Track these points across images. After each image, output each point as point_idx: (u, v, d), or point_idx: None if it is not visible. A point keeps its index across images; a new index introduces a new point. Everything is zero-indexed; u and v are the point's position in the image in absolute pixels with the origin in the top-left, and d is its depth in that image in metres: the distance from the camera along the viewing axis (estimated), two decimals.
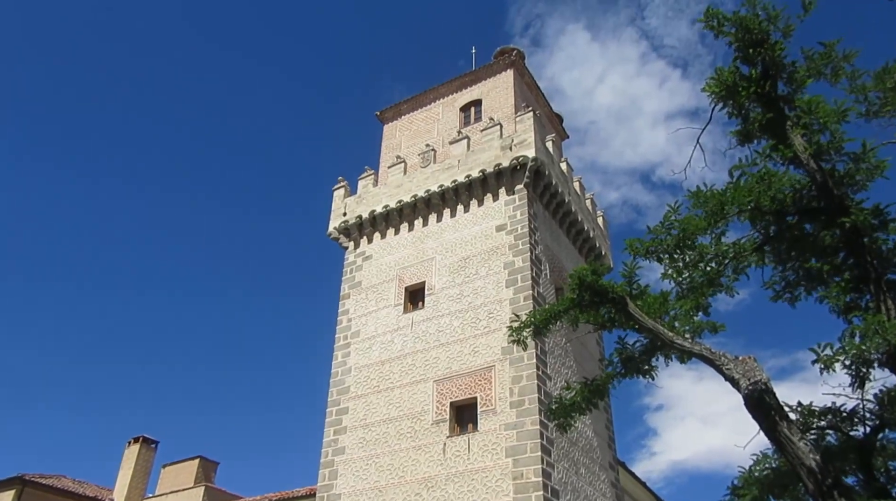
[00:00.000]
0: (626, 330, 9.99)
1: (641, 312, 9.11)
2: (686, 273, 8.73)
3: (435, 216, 24.96)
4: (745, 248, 8.34)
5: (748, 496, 8.40)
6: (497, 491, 18.28)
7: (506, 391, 19.74)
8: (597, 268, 9.61)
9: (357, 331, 24.05)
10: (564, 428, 10.26)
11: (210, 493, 32.49)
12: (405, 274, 24.27)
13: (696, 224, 8.44)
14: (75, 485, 35.47)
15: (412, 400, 21.23)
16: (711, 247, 8.64)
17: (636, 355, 9.76)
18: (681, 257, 8.85)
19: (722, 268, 8.47)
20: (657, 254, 9.02)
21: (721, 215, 8.21)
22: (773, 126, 8.06)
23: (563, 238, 25.87)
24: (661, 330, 8.71)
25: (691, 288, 8.69)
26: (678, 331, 8.85)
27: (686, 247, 8.77)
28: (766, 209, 7.70)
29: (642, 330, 9.21)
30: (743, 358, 7.76)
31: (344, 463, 21.37)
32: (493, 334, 21.00)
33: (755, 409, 7.27)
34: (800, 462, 6.75)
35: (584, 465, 21.17)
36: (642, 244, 9.18)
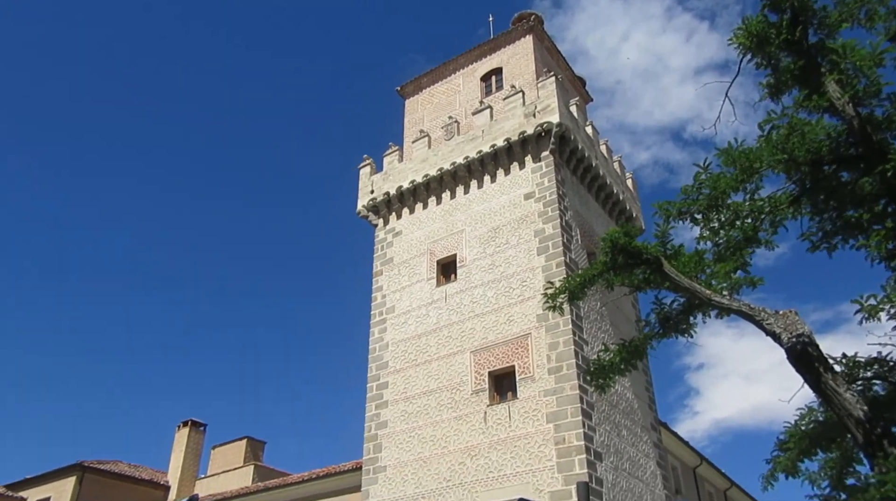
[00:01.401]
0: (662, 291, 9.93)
1: (677, 272, 9.04)
2: (722, 232, 8.62)
3: (462, 188, 24.93)
4: (780, 202, 8.19)
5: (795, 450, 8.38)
6: (540, 457, 18.47)
7: (543, 358, 19.83)
8: (629, 230, 9.54)
9: (392, 307, 24.29)
10: (603, 390, 10.30)
11: (259, 471, 33.38)
12: (436, 248, 24.36)
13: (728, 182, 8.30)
14: (131, 469, 36.75)
15: (450, 371, 21.45)
16: (746, 203, 8.49)
17: (674, 314, 9.71)
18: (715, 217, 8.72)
19: (759, 224, 8.33)
20: (690, 215, 8.91)
21: (753, 171, 8.06)
22: (805, 75, 7.85)
23: (592, 202, 25.66)
24: (698, 288, 8.63)
25: (729, 248, 8.58)
26: (715, 289, 8.77)
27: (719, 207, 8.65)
28: (800, 160, 7.54)
29: (678, 289, 9.14)
30: (784, 312, 7.68)
31: (387, 437, 21.75)
32: (527, 302, 21.05)
33: (798, 362, 7.21)
34: (847, 414, 6.70)
35: (626, 427, 21.24)
36: (673, 206, 9.06)
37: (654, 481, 21.75)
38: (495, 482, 18.87)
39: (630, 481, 20.06)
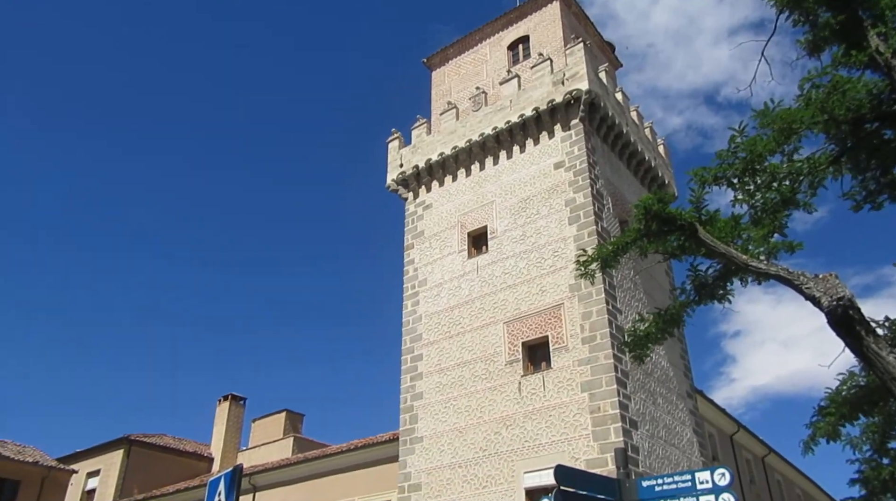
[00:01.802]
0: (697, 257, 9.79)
1: (712, 237, 8.89)
2: (758, 195, 8.43)
3: (491, 159, 24.77)
4: (820, 162, 7.98)
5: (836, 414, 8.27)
6: (575, 425, 18.54)
7: (576, 327, 19.79)
8: (662, 197, 9.39)
9: (424, 280, 24.40)
10: (641, 360, 10.24)
11: (299, 443, 34.13)
12: (466, 220, 24.33)
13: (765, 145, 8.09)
14: (176, 442, 37.92)
15: (484, 342, 21.55)
16: (783, 165, 8.29)
17: (709, 281, 9.59)
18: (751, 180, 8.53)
19: (797, 186, 8.14)
20: (726, 180, 8.73)
21: (791, 132, 7.84)
22: (846, 30, 7.58)
23: (623, 170, 25.31)
24: (735, 253, 8.49)
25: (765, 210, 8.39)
26: (752, 254, 8.61)
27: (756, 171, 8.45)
28: (841, 119, 7.31)
29: (714, 255, 9.00)
30: (824, 276, 7.51)
31: (423, 408, 22.02)
32: (559, 272, 20.96)
33: (839, 326, 7.07)
34: (890, 377, 6.58)
35: (662, 395, 21.17)
36: (709, 172, 8.88)
37: (690, 448, 21.71)
38: (531, 451, 19.02)
39: (666, 448, 20.05)
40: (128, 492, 33.63)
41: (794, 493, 35.91)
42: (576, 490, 5.49)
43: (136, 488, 33.72)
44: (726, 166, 8.29)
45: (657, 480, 5.54)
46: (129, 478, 34.04)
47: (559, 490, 5.48)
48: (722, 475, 5.23)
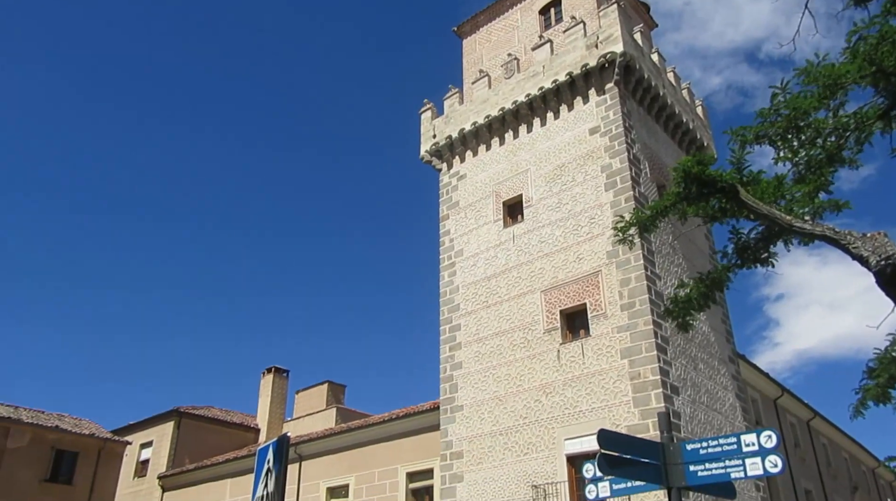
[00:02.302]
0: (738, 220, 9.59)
1: (755, 199, 8.68)
2: (802, 152, 8.17)
3: (525, 127, 24.50)
4: (867, 117, 7.68)
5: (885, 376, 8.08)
6: (615, 392, 18.52)
7: (615, 294, 19.65)
8: (702, 158, 9.17)
9: (460, 250, 24.43)
10: (685, 328, 10.06)
11: (342, 413, 34.81)
12: (501, 189, 24.20)
13: (809, 101, 7.80)
14: (223, 414, 39.03)
15: (521, 311, 21.56)
16: (829, 121, 8.01)
17: (752, 244, 9.39)
18: (795, 138, 8.27)
19: (843, 142, 7.86)
20: (768, 139, 8.47)
21: (837, 87, 7.54)
22: None
23: (660, 133, 24.81)
24: (778, 214, 8.27)
25: (810, 168, 8.14)
26: (797, 214, 8.39)
27: (799, 128, 8.18)
28: (891, 70, 7.01)
29: (757, 217, 8.79)
30: (872, 235, 7.30)
31: (462, 377, 22.21)
32: (596, 239, 20.77)
33: (889, 285, 6.88)
34: None
35: (703, 360, 20.98)
36: (749, 131, 8.63)
37: (733, 413, 21.53)
38: (571, 418, 19.09)
39: (708, 414, 19.92)
40: (179, 462, 34.83)
41: (840, 456, 35.44)
42: (619, 455, 5.50)
43: (188, 458, 34.89)
44: (768, 125, 8.04)
45: (702, 443, 5.52)
46: (181, 449, 35.23)
47: (602, 454, 5.49)
48: (768, 437, 5.17)
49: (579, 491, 18.33)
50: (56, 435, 28.97)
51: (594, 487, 6.12)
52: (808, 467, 29.42)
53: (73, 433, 29.56)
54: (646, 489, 5.92)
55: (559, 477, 18.61)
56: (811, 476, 29.43)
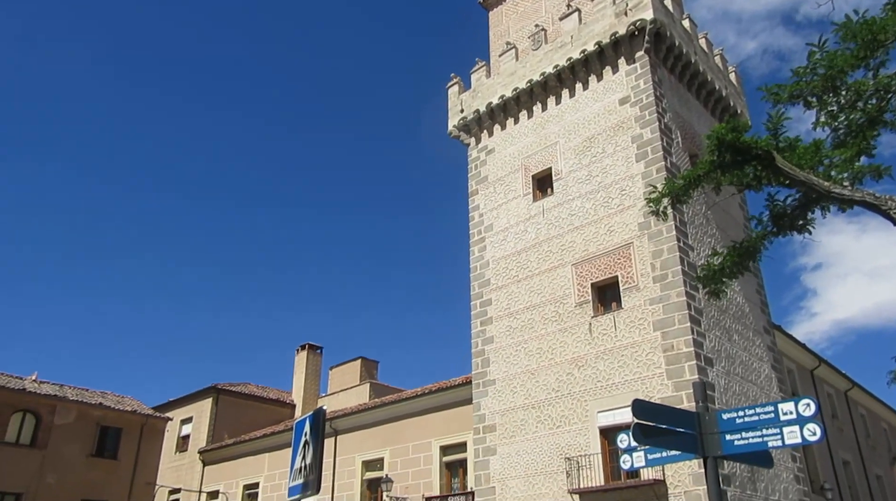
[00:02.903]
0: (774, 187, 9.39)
1: (791, 165, 8.48)
2: (842, 116, 7.94)
3: (553, 99, 24.20)
4: None
5: None
6: (648, 364, 18.43)
7: (647, 266, 19.46)
8: (736, 125, 8.97)
9: (490, 225, 24.37)
10: (717, 295, 9.96)
11: (375, 388, 35.26)
12: (530, 163, 24.01)
13: (847, 59, 7.55)
14: (259, 390, 39.84)
15: (552, 285, 21.49)
16: (869, 81, 7.75)
17: (788, 211, 9.20)
18: (833, 100, 8.03)
19: (885, 104, 7.61)
20: (804, 99, 8.23)
21: (878, 45, 7.29)
22: None
23: (692, 101, 24.30)
24: (816, 180, 8.08)
25: (850, 132, 7.90)
26: (835, 180, 8.18)
27: (837, 88, 7.93)
28: None
29: (794, 183, 8.60)
30: None
31: (494, 351, 22.29)
32: (627, 211, 20.55)
33: None
34: None
35: (738, 332, 20.74)
36: (784, 89, 8.39)
37: (768, 384, 21.30)
38: (604, 390, 19.07)
39: (743, 385, 19.73)
40: (218, 437, 35.71)
41: (879, 427, 34.90)
42: (654, 424, 5.48)
43: (226, 433, 35.74)
44: (804, 84, 7.80)
45: (738, 412, 5.47)
46: (219, 424, 36.10)
47: (636, 424, 5.48)
48: (807, 405, 5.10)
49: (612, 463, 18.38)
50: (100, 412, 29.87)
51: (629, 457, 6.12)
52: (845, 437, 29.05)
53: (117, 410, 30.45)
54: (681, 458, 5.90)
55: (592, 450, 18.67)
56: (849, 446, 29.07)
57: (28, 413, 28.05)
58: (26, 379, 29.79)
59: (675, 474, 17.04)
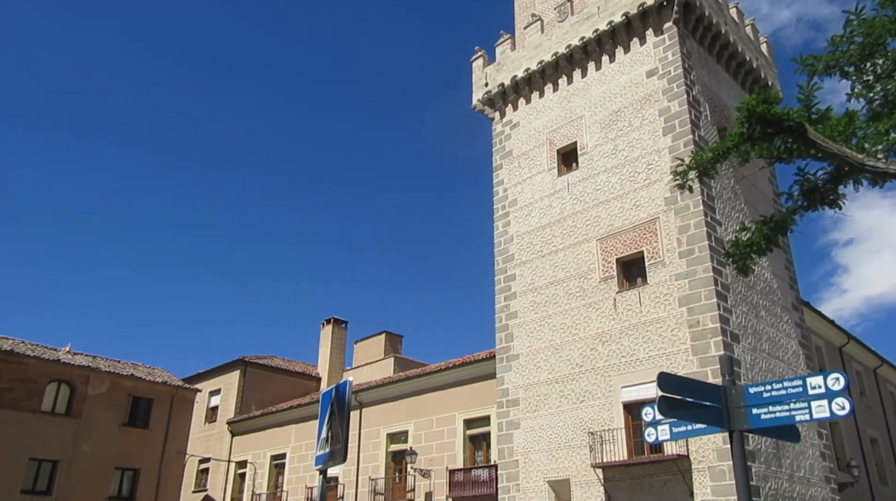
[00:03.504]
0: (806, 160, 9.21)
1: (823, 137, 8.29)
2: (878, 86, 7.72)
3: (579, 72, 23.86)
4: None
5: None
6: (673, 340, 18.34)
7: (673, 241, 19.27)
8: (767, 96, 8.79)
9: (514, 200, 24.27)
10: (745, 272, 9.83)
11: (399, 362, 35.61)
12: (555, 137, 23.78)
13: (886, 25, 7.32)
14: (285, 363, 40.46)
15: (577, 260, 21.40)
16: None
17: (819, 185, 9.03)
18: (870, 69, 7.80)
19: None
20: (840, 68, 8.02)
21: None
22: None
23: (722, 74, 23.81)
24: (849, 152, 7.90)
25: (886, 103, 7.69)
26: (869, 152, 8.00)
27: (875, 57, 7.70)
28: None
29: (825, 156, 8.42)
30: None
31: (518, 326, 22.33)
32: (653, 186, 20.31)
33: None
34: None
35: (765, 308, 20.51)
36: (819, 59, 8.17)
37: (795, 361, 21.09)
38: (628, 366, 19.05)
39: (770, 361, 19.57)
40: (246, 409, 36.42)
41: None
42: (681, 398, 5.47)
43: (254, 405, 36.43)
44: (840, 53, 7.60)
45: (765, 386, 5.43)
46: (247, 396, 36.80)
47: (662, 396, 5.47)
48: (836, 379, 5.04)
49: (636, 438, 18.42)
50: (132, 383, 30.59)
51: (653, 430, 6.12)
52: (874, 415, 28.75)
53: (148, 381, 31.15)
54: (706, 431, 5.88)
55: (616, 424, 18.71)
56: (877, 424, 28.77)
57: (63, 383, 28.83)
58: (60, 351, 30.56)
59: (699, 449, 17.03)
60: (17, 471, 26.55)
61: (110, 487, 29.06)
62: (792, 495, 18.13)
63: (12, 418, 26.83)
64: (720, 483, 16.41)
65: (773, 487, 17.43)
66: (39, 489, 27.30)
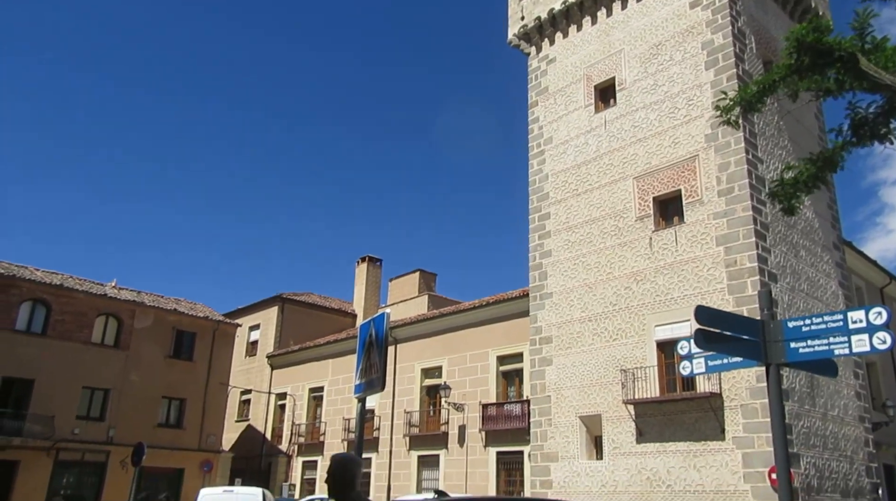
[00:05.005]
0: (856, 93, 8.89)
1: (877, 68, 7.97)
2: None
3: (619, 4, 23.03)
4: None
5: None
6: (709, 280, 18.21)
7: (712, 179, 18.90)
8: (818, 25, 8.44)
9: (549, 138, 23.92)
10: (791, 212, 9.63)
11: (433, 300, 36.08)
12: (593, 73, 23.18)
13: None
14: (322, 300, 41.32)
15: (613, 199, 21.16)
16: None
17: (871, 118, 8.73)
18: None
19: None
20: None
21: None
22: None
23: (769, 3, 22.74)
24: None
25: None
26: None
27: None
28: None
29: (878, 88, 8.12)
30: None
31: (552, 265, 22.35)
32: (693, 122, 19.80)
33: None
34: None
35: (805, 247, 20.15)
36: None
37: (834, 301, 20.81)
38: (662, 305, 19.02)
39: (808, 301, 19.35)
40: (284, 343, 37.51)
41: None
42: (719, 331, 5.48)
43: (292, 340, 37.48)
44: None
45: (804, 320, 5.40)
46: (285, 331, 37.85)
47: (699, 329, 5.49)
48: (878, 313, 4.99)
49: (668, 376, 18.56)
50: (175, 317, 31.66)
51: (688, 363, 6.16)
52: None
53: (190, 315, 32.19)
54: (742, 365, 5.91)
55: (648, 362, 18.84)
56: None
57: (110, 316, 29.97)
58: (107, 286, 31.64)
59: (732, 388, 17.11)
60: (72, 398, 28.02)
61: (159, 415, 30.51)
62: (825, 433, 18.21)
63: (66, 348, 28.13)
64: (752, 420, 16.54)
65: (805, 425, 17.51)
66: (94, 415, 28.80)
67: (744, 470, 16.40)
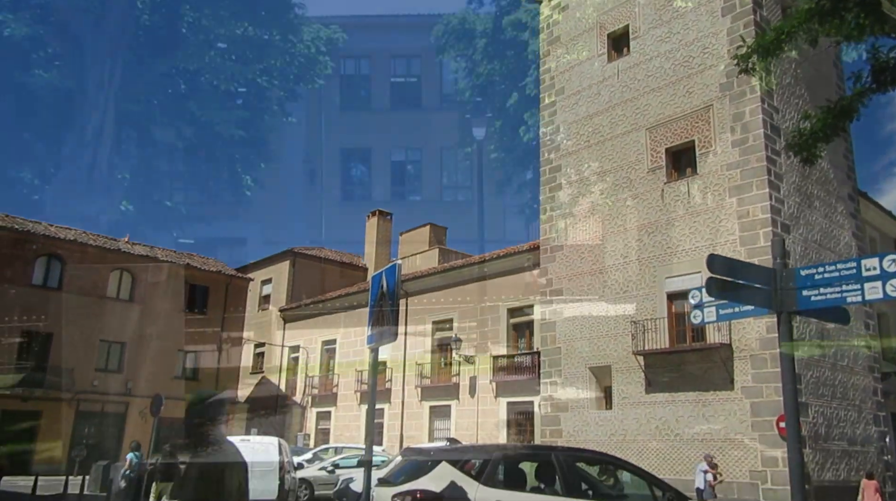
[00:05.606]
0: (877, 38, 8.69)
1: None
2: None
3: None
4: None
5: None
6: (722, 231, 18.12)
7: (726, 130, 18.62)
8: None
9: (561, 88, 23.55)
10: (811, 162, 9.56)
11: (444, 254, 36.12)
12: (606, 20, 22.66)
13: None
14: (333, 254, 41.54)
15: (625, 150, 20.94)
16: None
17: (892, 64, 8.55)
18: None
19: None
20: None
21: None
22: None
23: None
24: None
25: None
26: None
27: None
28: None
29: None
30: None
31: (563, 218, 22.28)
32: (708, 71, 19.41)
33: None
34: None
35: (819, 198, 19.95)
36: None
37: (847, 252, 20.68)
38: (673, 257, 18.99)
39: (820, 252, 19.25)
40: (296, 297, 37.86)
41: None
42: (731, 279, 5.48)
43: (304, 294, 37.83)
44: None
45: (817, 268, 5.37)
46: (297, 286, 38.17)
47: (711, 277, 5.49)
48: (892, 261, 4.94)
49: (678, 327, 18.65)
50: (188, 272, 32.01)
51: (699, 312, 6.17)
52: None
53: (203, 270, 32.52)
54: (753, 313, 5.90)
55: (659, 314, 18.91)
56: None
57: (124, 271, 30.32)
58: (120, 241, 31.91)
59: (742, 338, 17.19)
60: (91, 350, 28.60)
61: (175, 367, 31.12)
62: (833, 382, 18.34)
63: (82, 302, 28.58)
64: (761, 370, 16.66)
65: (814, 375, 17.64)
66: (111, 368, 29.42)
67: (752, 419, 16.60)
